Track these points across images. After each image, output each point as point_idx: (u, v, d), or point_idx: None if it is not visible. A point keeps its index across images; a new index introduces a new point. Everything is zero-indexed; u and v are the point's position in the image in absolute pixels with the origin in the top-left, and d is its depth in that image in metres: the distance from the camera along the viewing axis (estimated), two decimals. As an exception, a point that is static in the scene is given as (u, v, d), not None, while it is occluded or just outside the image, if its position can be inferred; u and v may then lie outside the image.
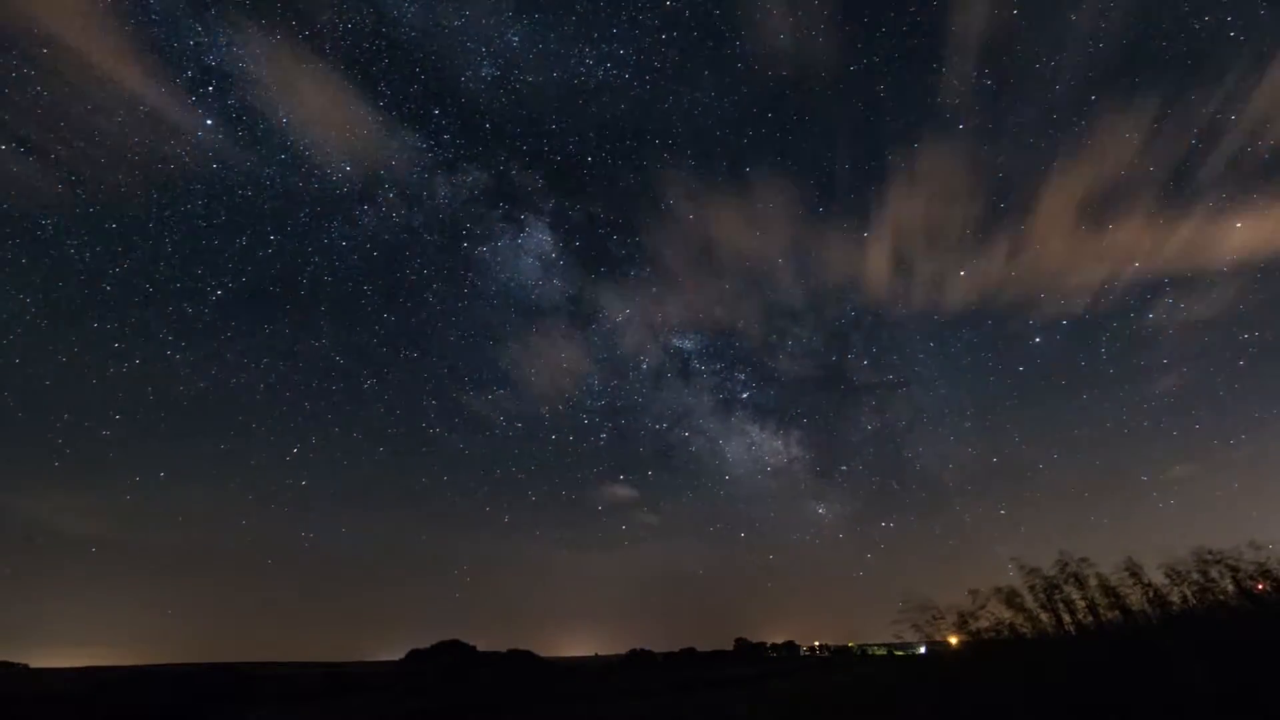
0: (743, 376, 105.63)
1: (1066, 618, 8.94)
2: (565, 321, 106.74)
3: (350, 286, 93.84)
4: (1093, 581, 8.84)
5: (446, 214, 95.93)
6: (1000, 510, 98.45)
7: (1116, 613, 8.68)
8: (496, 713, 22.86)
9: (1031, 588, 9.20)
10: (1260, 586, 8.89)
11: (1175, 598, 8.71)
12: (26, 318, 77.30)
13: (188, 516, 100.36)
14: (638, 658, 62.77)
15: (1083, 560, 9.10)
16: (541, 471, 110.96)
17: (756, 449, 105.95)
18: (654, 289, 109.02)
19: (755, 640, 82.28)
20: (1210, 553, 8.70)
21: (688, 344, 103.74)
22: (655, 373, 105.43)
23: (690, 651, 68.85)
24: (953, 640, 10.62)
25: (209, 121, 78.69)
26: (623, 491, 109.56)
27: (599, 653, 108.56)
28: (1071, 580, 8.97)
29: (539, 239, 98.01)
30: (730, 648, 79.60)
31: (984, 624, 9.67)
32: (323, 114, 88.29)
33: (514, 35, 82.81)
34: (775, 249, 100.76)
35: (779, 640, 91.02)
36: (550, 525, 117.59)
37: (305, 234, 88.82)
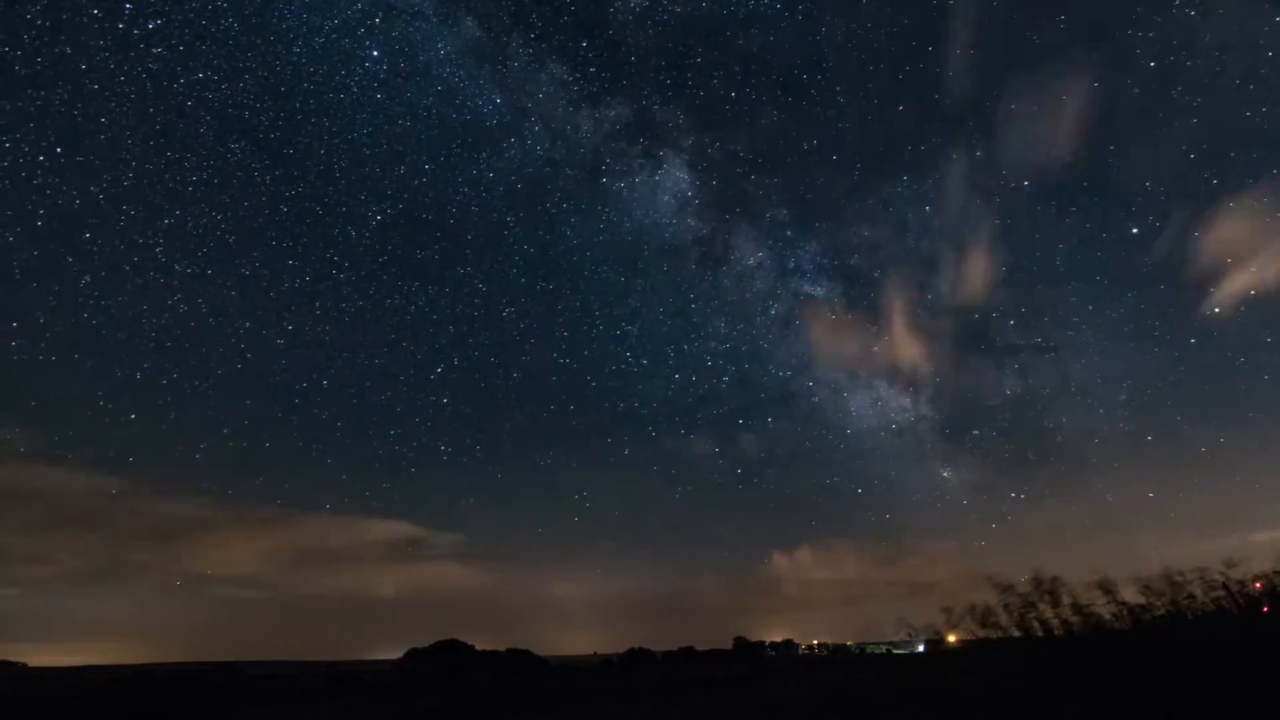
0: (875, 329, 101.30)
1: (1040, 635, 8.98)
2: (696, 262, 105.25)
3: (494, 217, 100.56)
4: (1066, 600, 8.88)
5: (587, 148, 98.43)
6: (1149, 494, 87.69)
7: (1089, 629, 8.72)
8: (494, 713, 22.99)
9: (1006, 606, 9.24)
10: (1258, 585, 9.03)
11: (1150, 612, 8.75)
12: (216, 233, 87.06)
13: (344, 425, 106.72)
14: (636, 657, 63.00)
15: (1055, 579, 9.13)
16: (663, 409, 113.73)
17: (882, 405, 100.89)
18: (789, 232, 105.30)
19: (754, 639, 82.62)
20: (1180, 573, 8.76)
21: (819, 291, 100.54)
22: (783, 319, 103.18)
23: (689, 650, 69.08)
24: (951, 639, 10.66)
25: (375, 53, 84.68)
26: (745, 437, 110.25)
27: (598, 651, 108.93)
28: (1046, 598, 9.00)
29: (676, 176, 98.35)
30: (729, 646, 79.85)
31: (956, 639, 9.73)
32: (477, 46, 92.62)
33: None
34: (927, 194, 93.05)
35: (778, 639, 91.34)
36: (666, 462, 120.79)
37: (456, 165, 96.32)
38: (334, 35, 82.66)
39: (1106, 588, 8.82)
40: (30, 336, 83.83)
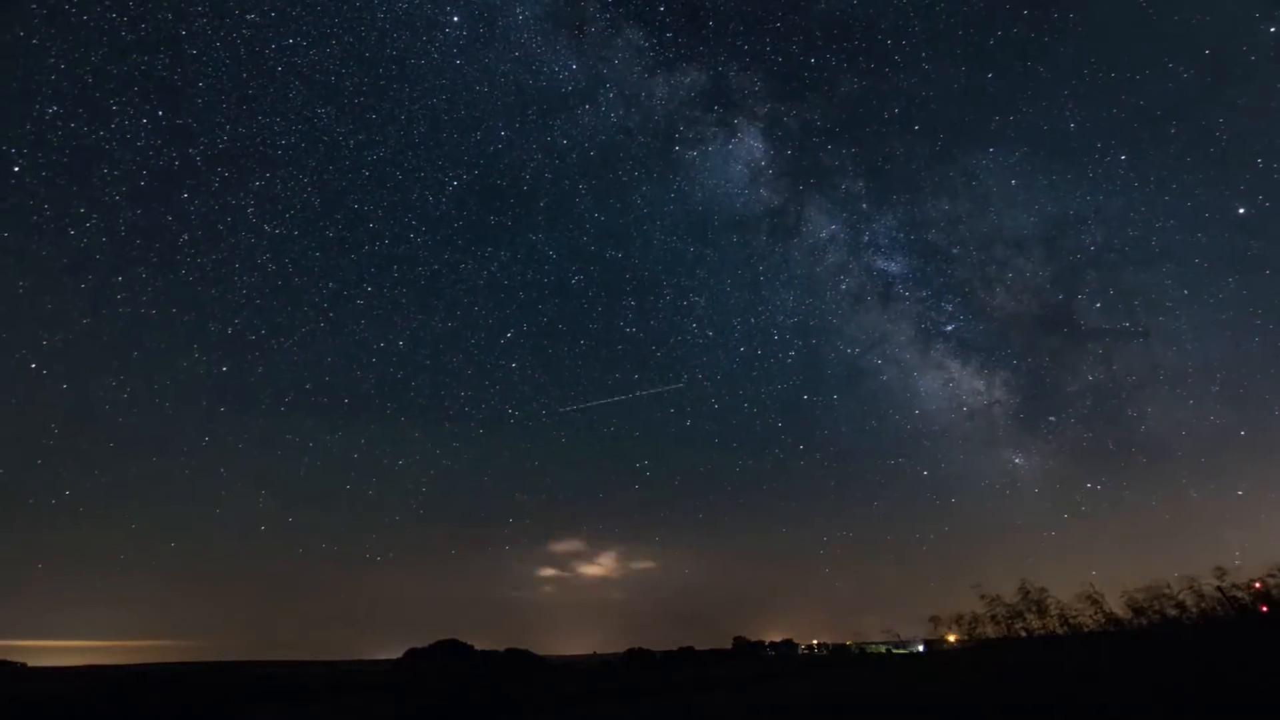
0: (950, 307, 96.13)
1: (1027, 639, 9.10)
2: (767, 234, 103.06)
3: (567, 184, 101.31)
4: (1054, 610, 8.98)
5: (661, 115, 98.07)
6: (1238, 492, 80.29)
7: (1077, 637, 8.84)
8: (493, 713, 23.11)
9: (994, 616, 9.35)
10: (1257, 585, 9.16)
11: (1135, 623, 8.87)
12: (303, 196, 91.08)
13: (418, 385, 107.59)
14: (636, 657, 63.15)
15: (1043, 590, 9.24)
16: (727, 381, 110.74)
17: (954, 387, 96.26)
18: (864, 205, 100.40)
19: (754, 639, 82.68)
20: (1168, 585, 8.88)
21: (893, 267, 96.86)
22: (854, 294, 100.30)
23: (689, 650, 69.22)
24: (950, 638, 10.70)
25: (455, 18, 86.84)
26: (809, 413, 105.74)
27: (597, 651, 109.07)
28: (1033, 608, 9.11)
29: (750, 145, 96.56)
30: (729, 646, 79.96)
31: (954, 640, 9.81)
32: (555, 11, 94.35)
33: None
34: (1014, 167, 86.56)
35: (777, 638, 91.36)
36: (727, 436, 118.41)
37: (530, 131, 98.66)
38: (416, 1, 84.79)
39: (1094, 599, 8.96)
40: (133, 290, 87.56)
